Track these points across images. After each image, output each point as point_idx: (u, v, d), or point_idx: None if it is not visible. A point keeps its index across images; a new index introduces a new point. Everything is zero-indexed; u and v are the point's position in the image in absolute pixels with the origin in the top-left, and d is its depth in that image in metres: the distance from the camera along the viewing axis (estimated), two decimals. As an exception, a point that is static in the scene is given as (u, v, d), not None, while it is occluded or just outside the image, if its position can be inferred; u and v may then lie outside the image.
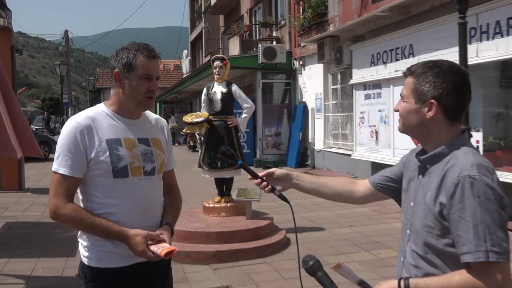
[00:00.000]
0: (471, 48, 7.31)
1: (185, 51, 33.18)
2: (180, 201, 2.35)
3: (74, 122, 2.04)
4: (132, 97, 2.08)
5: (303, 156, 14.26)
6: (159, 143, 2.23)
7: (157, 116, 2.34)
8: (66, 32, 35.81)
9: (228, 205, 6.52)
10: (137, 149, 2.11)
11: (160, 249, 2.00)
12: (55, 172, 2.02)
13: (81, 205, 2.08)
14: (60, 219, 2.02)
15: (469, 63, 6.27)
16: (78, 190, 2.09)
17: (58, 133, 35.99)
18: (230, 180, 6.71)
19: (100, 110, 2.13)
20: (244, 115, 6.61)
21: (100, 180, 2.03)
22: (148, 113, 2.27)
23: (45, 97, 78.34)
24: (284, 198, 1.96)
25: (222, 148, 2.06)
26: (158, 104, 34.06)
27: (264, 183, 1.93)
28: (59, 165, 2.01)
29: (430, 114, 1.63)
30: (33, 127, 27.77)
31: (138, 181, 2.09)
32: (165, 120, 2.40)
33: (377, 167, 10.22)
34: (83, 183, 2.06)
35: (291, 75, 15.27)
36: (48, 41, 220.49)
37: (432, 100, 1.62)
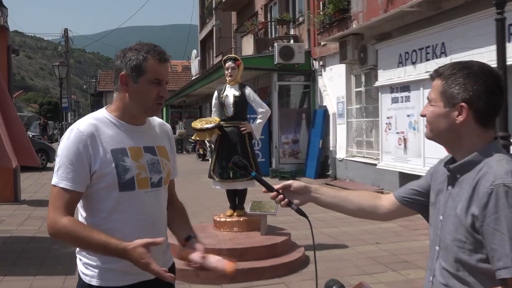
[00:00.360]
0: (510, 47, 7.25)
1: (194, 51, 33.42)
2: (184, 208, 2.38)
3: (76, 131, 2.04)
4: (140, 102, 2.09)
5: (323, 166, 14.21)
6: (165, 152, 2.24)
7: (160, 120, 2.35)
8: (65, 30, 36.26)
9: (241, 219, 6.52)
10: (143, 158, 2.12)
11: (222, 263, 2.01)
12: (55, 186, 2.03)
13: (85, 222, 2.08)
14: (58, 235, 2.01)
15: (508, 63, 6.22)
16: (81, 206, 2.11)
17: (57, 140, 36.49)
18: (243, 192, 6.72)
19: (102, 116, 2.13)
20: (258, 120, 6.62)
21: (105, 194, 2.04)
22: (152, 117, 2.28)
23: (43, 101, 79.34)
24: (302, 213, 1.96)
25: (234, 158, 2.07)
26: (164, 109, 34.29)
27: (280, 196, 1.93)
28: (59, 178, 2.02)
29: (460, 118, 1.63)
30: (30, 133, 28.11)
31: (145, 194, 2.10)
32: (169, 125, 2.42)
33: (405, 178, 10.14)
34: (86, 197, 2.07)
35: (310, 76, 15.27)
36: (47, 40, 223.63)
37: (463, 104, 1.62)
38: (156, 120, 2.31)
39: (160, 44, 2.19)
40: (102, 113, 2.16)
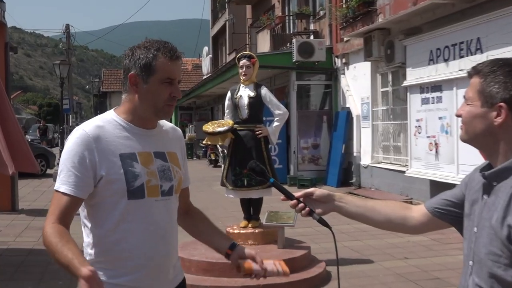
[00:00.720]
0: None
1: (206, 48, 33.57)
2: (206, 215, 2.45)
3: (81, 132, 2.07)
4: (150, 104, 2.11)
5: (347, 173, 14.17)
6: (176, 158, 2.26)
7: (172, 125, 2.37)
8: (67, 26, 36.71)
9: (256, 231, 6.52)
10: (153, 165, 2.14)
11: (278, 265, 2.11)
12: (56, 191, 2.04)
13: (90, 233, 2.10)
14: (45, 244, 1.95)
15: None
16: (85, 217, 2.12)
17: (57, 145, 36.81)
18: (259, 201, 6.72)
19: (110, 119, 2.16)
20: (275, 123, 6.63)
21: (112, 202, 2.05)
22: (163, 121, 2.30)
23: (42, 103, 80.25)
24: (324, 223, 1.97)
25: (250, 163, 2.08)
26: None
27: (301, 205, 1.94)
28: (60, 182, 2.03)
29: (498, 120, 1.62)
30: (29, 137, 28.47)
31: (155, 203, 2.11)
32: (181, 131, 2.43)
33: (437, 186, 10.06)
34: (91, 206, 2.09)
35: (332, 75, 15.25)
36: (47, 37, 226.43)
37: (502, 104, 1.61)
38: (167, 124, 2.33)
39: (169, 40, 2.21)
40: (110, 115, 2.18)
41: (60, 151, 20.10)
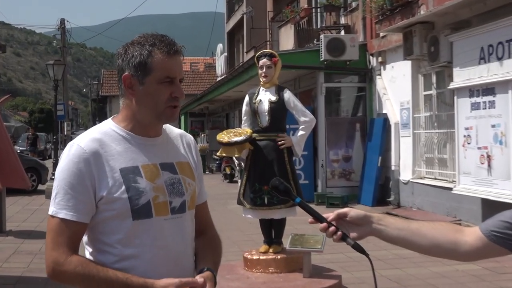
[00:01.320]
0: None
1: (220, 46, 33.77)
2: (219, 242, 2.40)
3: (76, 148, 2.09)
4: (150, 107, 2.13)
5: (383, 190, 14.09)
6: (188, 168, 2.27)
7: (180, 131, 2.39)
8: (62, 21, 37.17)
9: (279, 257, 6.50)
10: (160, 178, 2.15)
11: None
12: (53, 217, 2.06)
13: (90, 259, 2.12)
14: (63, 278, 2.05)
15: None
16: (86, 242, 2.14)
17: (50, 157, 36.99)
18: (282, 222, 6.71)
19: (108, 129, 2.18)
20: (301, 132, 6.63)
21: (115, 224, 2.07)
22: (169, 127, 2.32)
23: (33, 108, 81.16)
24: (360, 249, 1.96)
25: (273, 181, 2.07)
26: (182, 117, 34.70)
27: (332, 228, 1.94)
28: (58, 206, 2.05)
29: None
30: (18, 148, 28.73)
31: (165, 222, 2.13)
32: (191, 136, 2.44)
33: (489, 206, 9.95)
34: (91, 229, 2.11)
35: (366, 76, 15.22)
36: (39, 33, 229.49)
37: None
38: (174, 130, 2.35)
39: (178, 37, 2.23)
40: (108, 125, 2.20)
41: (54, 164, 20.29)
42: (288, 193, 2.07)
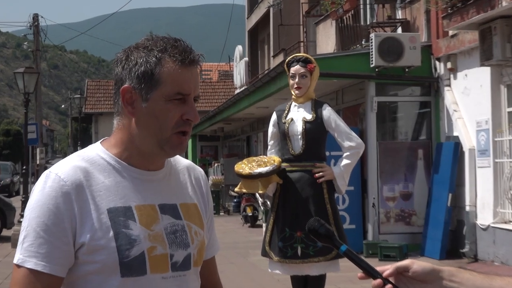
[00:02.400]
0: None
1: (239, 48, 33.91)
2: None
3: (53, 179, 2.09)
4: (153, 131, 2.13)
5: (455, 238, 13.95)
6: (195, 212, 2.28)
7: (188, 162, 2.41)
8: (35, 17, 37.58)
9: (316, 326, 6.46)
10: (159, 224, 2.16)
11: None
12: (19, 266, 2.05)
13: None
14: None
15: None
16: None
17: (18, 193, 36.99)
18: (320, 280, 6.68)
19: (95, 156, 2.19)
20: (345, 161, 6.62)
21: (98, 282, 2.07)
22: (175, 158, 2.33)
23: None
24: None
25: (311, 222, 2.07)
26: (190, 141, 34.75)
27: (389, 286, 1.92)
28: (26, 253, 2.04)
29: None
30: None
31: (163, 282, 2.13)
32: (201, 170, 2.45)
33: None
34: (67, 285, 2.11)
35: (431, 88, 15.15)
36: (5, 33, 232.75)
37: None
38: (181, 161, 2.36)
39: (184, 37, 2.23)
40: (95, 151, 2.21)
41: (23, 202, 20.38)
42: (330, 238, 2.05)
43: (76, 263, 2.07)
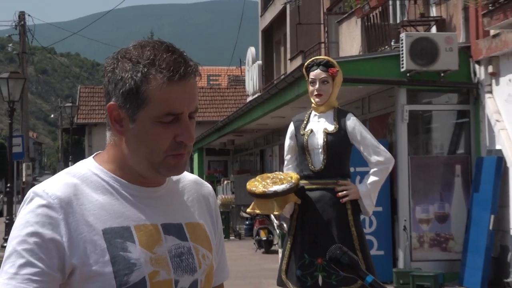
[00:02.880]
0: None
1: (252, 50, 33.99)
2: None
3: (41, 196, 2.10)
4: (143, 155, 2.14)
5: (499, 266, 13.90)
6: (203, 234, 2.28)
7: (195, 177, 2.42)
8: (21, 16, 37.81)
9: None
10: (162, 246, 2.16)
11: None
12: None
13: None
14: None
15: None
16: None
17: (1, 214, 37.14)
18: (343, 314, 6.65)
19: (88, 172, 2.20)
20: (372, 178, 6.62)
21: None
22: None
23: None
24: None
25: (332, 250, 2.06)
26: (196, 156, 34.82)
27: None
28: (5, 276, 2.03)
29: None
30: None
31: None
32: (209, 186, 2.46)
33: None
34: None
35: (470, 95, 15.12)
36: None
37: None
38: (186, 176, 2.37)
39: (190, 38, 2.24)
40: (88, 166, 2.22)
41: (6, 225, 20.50)
42: (354, 269, 2.04)
43: None
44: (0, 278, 2.03)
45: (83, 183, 2.15)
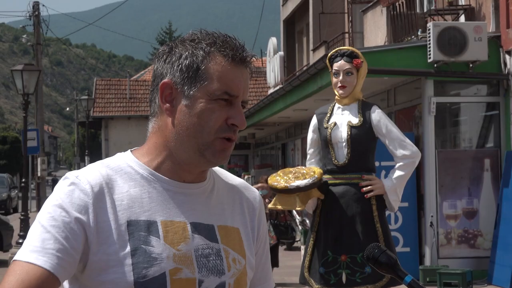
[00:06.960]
0: None
1: (273, 40, 33.92)
2: None
3: (74, 181, 2.13)
4: (192, 134, 2.14)
5: (529, 263, 13.85)
6: (236, 238, 2.28)
7: (241, 181, 2.42)
8: (35, 6, 37.85)
9: None
10: (188, 244, 2.16)
11: None
12: (19, 261, 2.01)
13: None
14: None
15: None
16: None
17: (16, 210, 37.05)
18: (368, 312, 6.65)
19: (124, 164, 2.22)
20: (398, 172, 6.61)
21: None
22: (223, 173, 2.36)
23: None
24: None
25: (369, 249, 2.04)
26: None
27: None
28: (28, 248, 2.03)
29: None
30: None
31: None
32: (256, 191, 2.46)
33: None
34: None
35: (500, 87, 15.05)
36: (1, 24, 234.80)
37: None
38: (231, 179, 2.37)
39: (209, 27, 2.26)
40: (125, 159, 2.24)
41: (21, 221, 20.48)
42: (393, 268, 2.02)
43: (82, 281, 2.10)
44: (24, 249, 2.04)
45: (116, 174, 2.17)
